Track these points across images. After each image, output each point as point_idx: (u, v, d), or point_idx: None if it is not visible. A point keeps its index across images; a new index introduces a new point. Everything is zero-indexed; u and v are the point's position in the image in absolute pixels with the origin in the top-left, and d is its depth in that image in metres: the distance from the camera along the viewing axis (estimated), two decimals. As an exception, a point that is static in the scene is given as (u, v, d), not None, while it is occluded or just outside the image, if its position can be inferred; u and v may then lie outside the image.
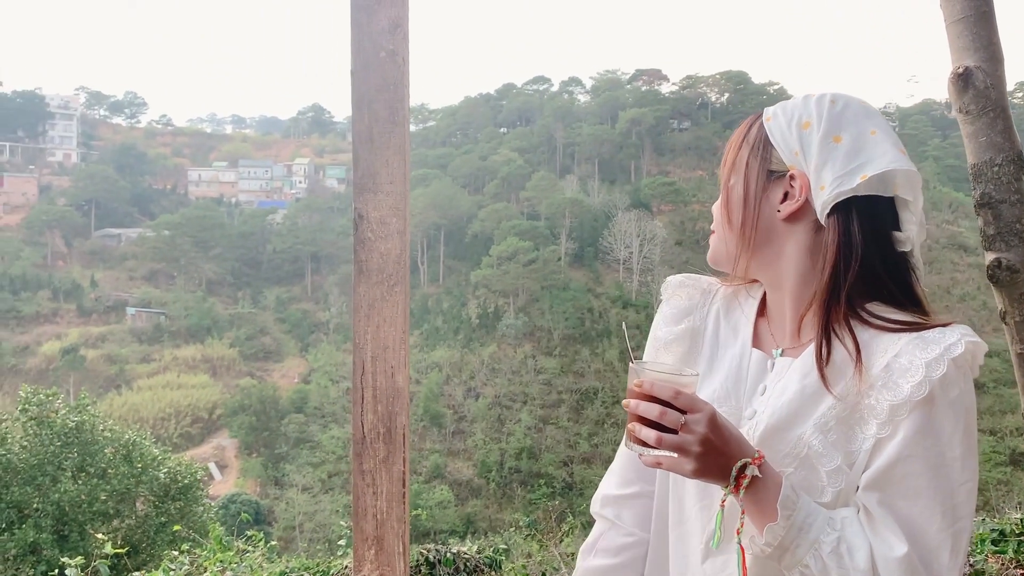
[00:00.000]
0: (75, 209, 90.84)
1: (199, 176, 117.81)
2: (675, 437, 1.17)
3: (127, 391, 64.27)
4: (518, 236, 77.25)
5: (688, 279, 1.64)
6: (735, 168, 1.45)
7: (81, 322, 76.00)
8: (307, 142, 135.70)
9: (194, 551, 4.84)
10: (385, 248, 1.59)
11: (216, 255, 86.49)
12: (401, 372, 1.63)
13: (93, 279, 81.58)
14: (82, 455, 15.40)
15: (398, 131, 1.58)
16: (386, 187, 1.58)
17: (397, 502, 1.61)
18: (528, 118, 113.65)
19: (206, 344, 72.55)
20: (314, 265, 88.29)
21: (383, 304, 1.60)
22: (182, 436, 59.43)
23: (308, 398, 64.60)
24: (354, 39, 1.56)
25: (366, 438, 1.62)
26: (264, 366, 73.44)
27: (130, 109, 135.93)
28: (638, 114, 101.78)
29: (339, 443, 59.51)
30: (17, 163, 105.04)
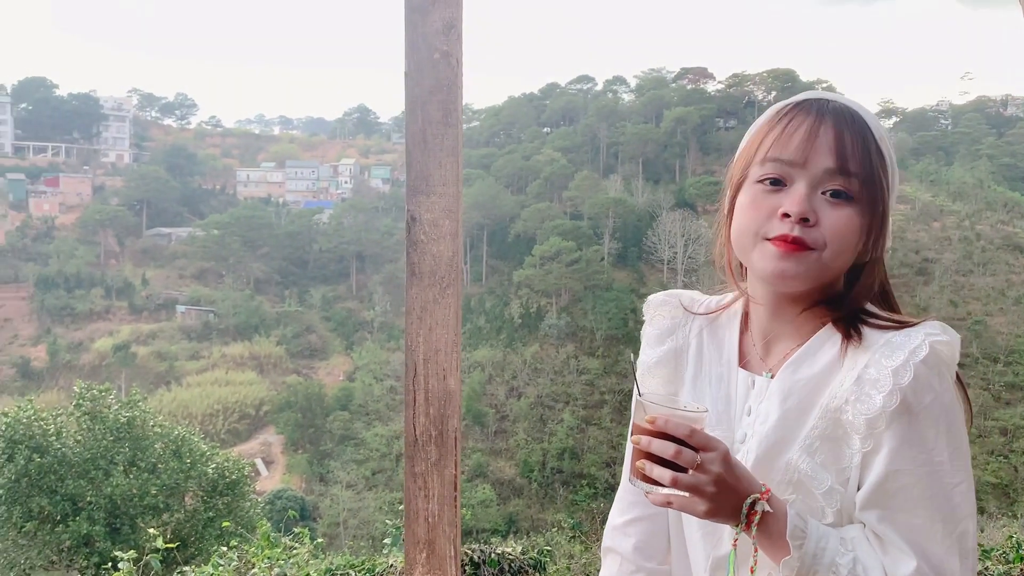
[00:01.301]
0: (127, 209, 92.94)
1: (247, 176, 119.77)
2: (690, 477, 1.13)
3: (176, 387, 65.57)
4: (561, 236, 77.07)
5: (670, 296, 1.60)
6: (877, 194, 1.29)
7: (133, 319, 77.77)
8: (353, 143, 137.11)
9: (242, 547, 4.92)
10: (437, 250, 1.56)
11: (264, 254, 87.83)
12: (453, 375, 1.62)
13: (144, 277, 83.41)
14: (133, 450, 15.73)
15: (451, 133, 1.55)
16: (439, 189, 1.56)
17: (449, 505, 1.60)
18: (572, 117, 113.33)
19: (253, 342, 73.71)
20: (359, 264, 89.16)
21: (435, 307, 1.57)
22: (230, 432, 60.44)
23: (353, 396, 65.25)
24: (408, 40, 1.55)
25: (418, 441, 1.60)
26: (310, 364, 74.38)
27: (181, 111, 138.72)
28: (683, 113, 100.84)
29: (383, 441, 60.02)
30: (72, 164, 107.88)
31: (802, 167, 1.27)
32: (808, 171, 1.27)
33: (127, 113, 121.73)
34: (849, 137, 1.26)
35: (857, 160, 1.26)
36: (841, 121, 1.28)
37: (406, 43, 1.55)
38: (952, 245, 76.21)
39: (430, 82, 1.54)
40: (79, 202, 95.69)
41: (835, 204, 1.26)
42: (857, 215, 1.26)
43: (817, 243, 1.25)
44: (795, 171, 1.28)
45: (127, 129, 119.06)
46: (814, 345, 1.31)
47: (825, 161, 1.26)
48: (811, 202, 1.26)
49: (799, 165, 1.27)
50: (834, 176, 1.26)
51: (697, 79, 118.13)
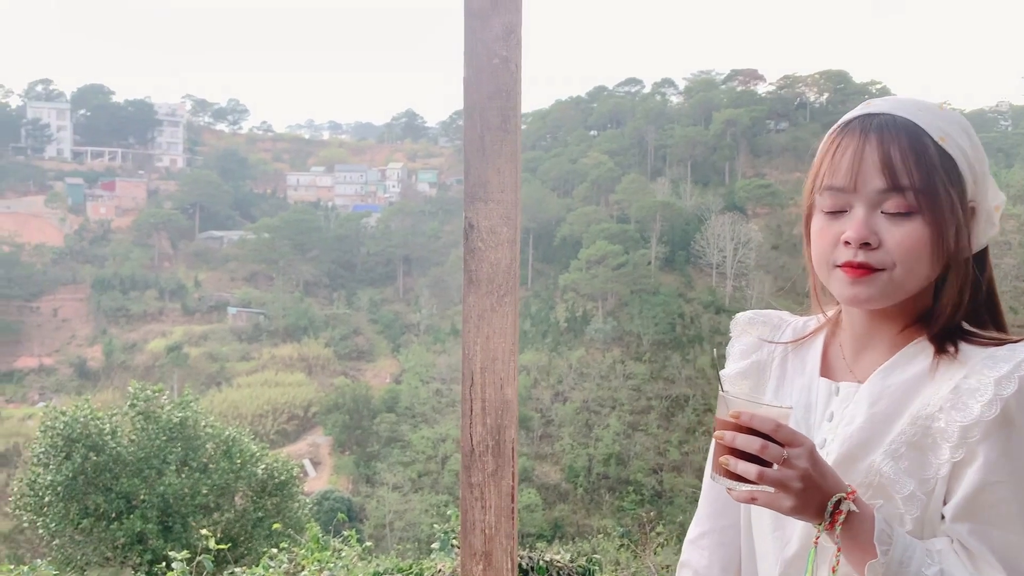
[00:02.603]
0: (181, 212, 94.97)
1: (297, 180, 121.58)
2: (776, 472, 1.12)
3: (227, 388, 66.71)
4: (607, 239, 76.69)
5: (757, 315, 1.62)
6: (940, 201, 1.25)
7: (185, 321, 79.38)
8: (400, 147, 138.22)
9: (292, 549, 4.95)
10: (495, 258, 1.58)
11: (313, 257, 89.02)
12: (510, 384, 1.61)
13: (197, 280, 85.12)
14: (185, 449, 15.99)
15: (510, 139, 1.57)
16: (497, 196, 1.57)
17: (506, 517, 1.59)
18: (619, 120, 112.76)
19: (302, 343, 74.69)
20: (406, 267, 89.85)
21: (493, 315, 1.58)
22: (279, 433, 61.28)
23: (399, 398, 65.71)
24: (467, 46, 1.55)
25: (475, 450, 1.59)
26: (357, 366, 75.11)
27: (233, 116, 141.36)
28: (733, 115, 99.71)
29: (429, 443, 60.31)
30: (128, 168, 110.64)
31: (855, 192, 1.26)
32: (861, 195, 1.25)
33: (181, 119, 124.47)
34: (897, 151, 1.23)
35: (909, 172, 1.22)
36: (886, 136, 1.25)
37: (465, 49, 1.55)
38: (1012, 250, 73.98)
39: (489, 88, 1.55)
40: (134, 206, 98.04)
41: (896, 221, 1.24)
42: (922, 226, 1.23)
43: (884, 263, 1.24)
44: (850, 196, 1.26)
45: (181, 134, 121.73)
46: (908, 353, 1.30)
47: (875, 182, 1.24)
48: (870, 225, 1.24)
49: (851, 191, 1.26)
50: (887, 194, 1.24)
51: (747, 81, 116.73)
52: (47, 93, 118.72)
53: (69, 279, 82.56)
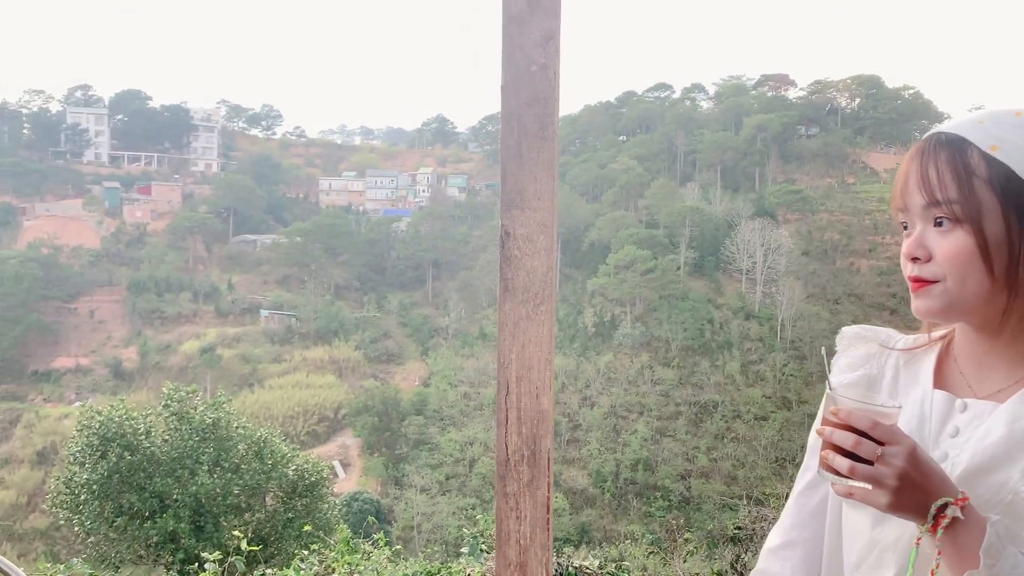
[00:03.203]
0: (215, 216, 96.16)
1: (329, 185, 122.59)
2: (869, 468, 1.14)
3: (259, 389, 67.35)
4: (636, 244, 76.35)
5: (865, 330, 1.58)
6: (982, 210, 1.25)
7: (218, 323, 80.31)
8: (431, 152, 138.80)
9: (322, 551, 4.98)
10: (531, 266, 1.56)
11: (344, 261, 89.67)
12: (546, 394, 1.60)
13: (230, 282, 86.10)
14: (218, 450, 16.12)
15: (547, 146, 1.55)
16: (533, 203, 1.55)
17: (541, 528, 1.57)
18: (648, 125, 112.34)
19: (333, 346, 75.22)
20: (435, 272, 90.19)
21: (528, 323, 1.57)
22: (309, 434, 61.73)
23: (427, 401, 65.92)
24: (505, 52, 1.54)
25: (510, 460, 1.58)
26: (387, 368, 75.46)
27: (266, 121, 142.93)
28: (763, 120, 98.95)
29: (456, 446, 60.41)
30: (164, 172, 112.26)
31: (907, 210, 1.32)
32: (912, 212, 1.31)
33: (216, 124, 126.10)
34: (934, 167, 1.27)
35: (943, 186, 1.26)
36: (927, 154, 1.29)
37: (503, 55, 1.54)
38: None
39: (527, 95, 1.54)
40: (169, 209, 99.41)
41: (943, 233, 1.27)
42: (965, 237, 1.25)
43: (936, 275, 1.28)
44: (907, 215, 1.32)
45: (215, 139, 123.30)
46: None
47: (916, 199, 1.30)
48: (922, 239, 1.29)
49: (905, 209, 1.32)
50: (930, 209, 1.28)
51: (778, 86, 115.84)
52: (86, 99, 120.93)
53: (105, 281, 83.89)
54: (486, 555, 4.82)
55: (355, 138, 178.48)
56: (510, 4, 1.55)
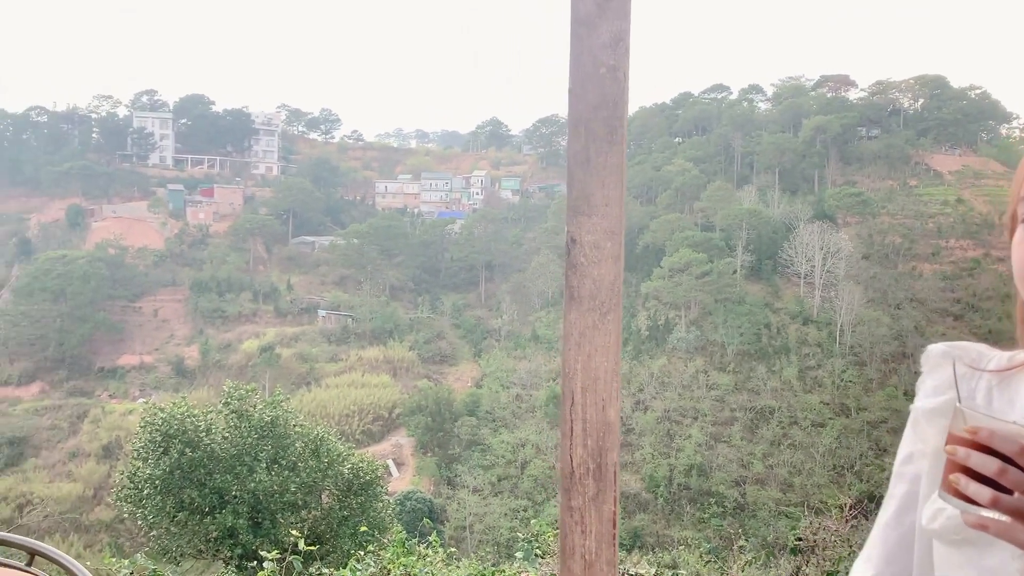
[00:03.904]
0: (275, 218, 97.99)
1: (385, 188, 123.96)
2: (1015, 500, 0.96)
3: (316, 388, 68.35)
4: (691, 247, 75.48)
5: (953, 348, 1.40)
6: None
7: (277, 322, 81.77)
8: (484, 155, 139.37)
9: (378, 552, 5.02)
10: (598, 274, 1.54)
11: (399, 262, 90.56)
12: (612, 406, 1.56)
13: (289, 283, 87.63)
14: (275, 448, 16.38)
15: (615, 150, 1.52)
16: (601, 209, 1.52)
17: (607, 543, 1.53)
18: (704, 127, 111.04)
19: (388, 346, 75.98)
20: (488, 273, 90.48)
21: (595, 333, 1.54)
22: (364, 433, 62.43)
23: (480, 402, 66.13)
24: (573, 54, 1.50)
25: (575, 473, 1.54)
26: (440, 369, 75.93)
27: (325, 125, 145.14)
28: (823, 122, 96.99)
29: (508, 447, 60.48)
30: (226, 175, 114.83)
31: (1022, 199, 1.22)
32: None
33: (276, 127, 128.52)
34: None
35: None
36: None
37: (571, 57, 1.50)
38: None
39: (595, 98, 1.50)
40: (231, 211, 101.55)
41: None
42: None
43: None
44: None
45: (276, 143, 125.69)
46: None
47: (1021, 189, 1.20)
48: None
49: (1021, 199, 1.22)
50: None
51: (838, 87, 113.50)
52: (152, 103, 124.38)
53: (169, 281, 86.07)
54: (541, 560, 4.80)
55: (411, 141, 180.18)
56: (579, 5, 1.51)
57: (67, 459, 61.84)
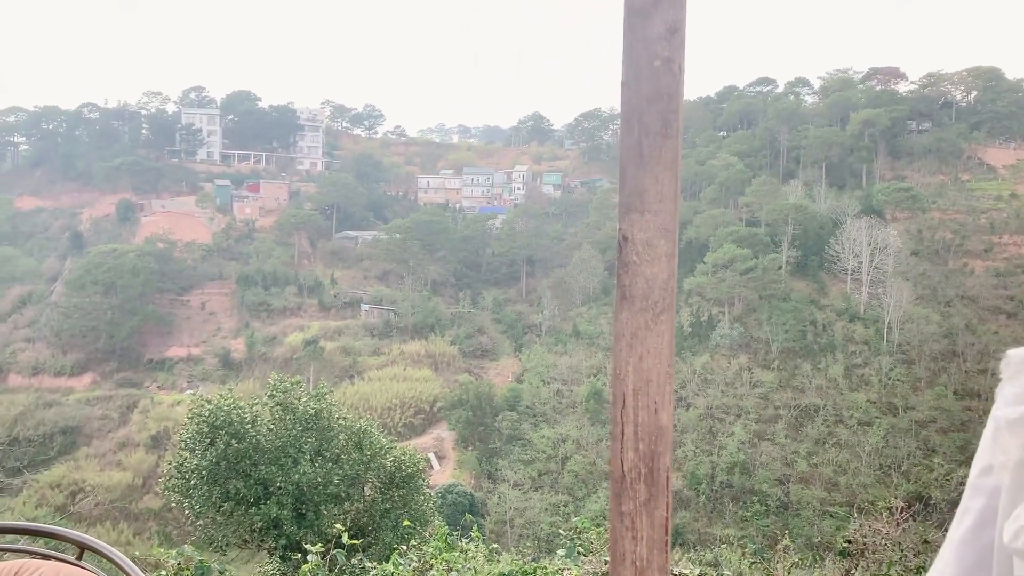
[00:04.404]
0: (319, 213, 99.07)
1: (427, 183, 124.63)
2: None
3: (359, 381, 69.03)
4: (736, 243, 74.62)
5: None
6: None
7: (321, 316, 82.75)
8: (526, 150, 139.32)
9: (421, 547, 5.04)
10: (651, 273, 1.48)
11: (441, 257, 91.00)
12: (665, 409, 1.51)
13: (333, 277, 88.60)
14: (319, 440, 16.54)
15: (670, 145, 1.48)
16: (654, 206, 1.47)
17: (659, 550, 1.49)
18: (750, 121, 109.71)
19: (429, 340, 76.44)
20: (529, 269, 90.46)
21: (647, 334, 1.48)
22: (406, 426, 62.93)
23: (520, 397, 66.19)
24: (626, 46, 1.46)
25: (626, 478, 1.50)
26: (481, 364, 76.17)
27: (368, 121, 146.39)
28: (872, 115, 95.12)
29: (549, 443, 60.47)
30: (272, 171, 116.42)
31: None
32: None
33: (320, 123, 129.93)
34: None
35: None
36: None
37: (624, 49, 1.47)
38: None
39: (649, 91, 1.46)
40: (276, 206, 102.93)
41: None
42: None
43: None
44: None
45: (320, 138, 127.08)
46: None
47: None
48: None
49: None
50: None
51: (887, 79, 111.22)
52: (199, 100, 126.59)
53: (216, 275, 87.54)
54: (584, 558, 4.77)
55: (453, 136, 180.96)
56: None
57: (117, 448, 63.31)
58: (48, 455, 62.56)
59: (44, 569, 1.52)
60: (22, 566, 1.54)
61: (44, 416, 66.47)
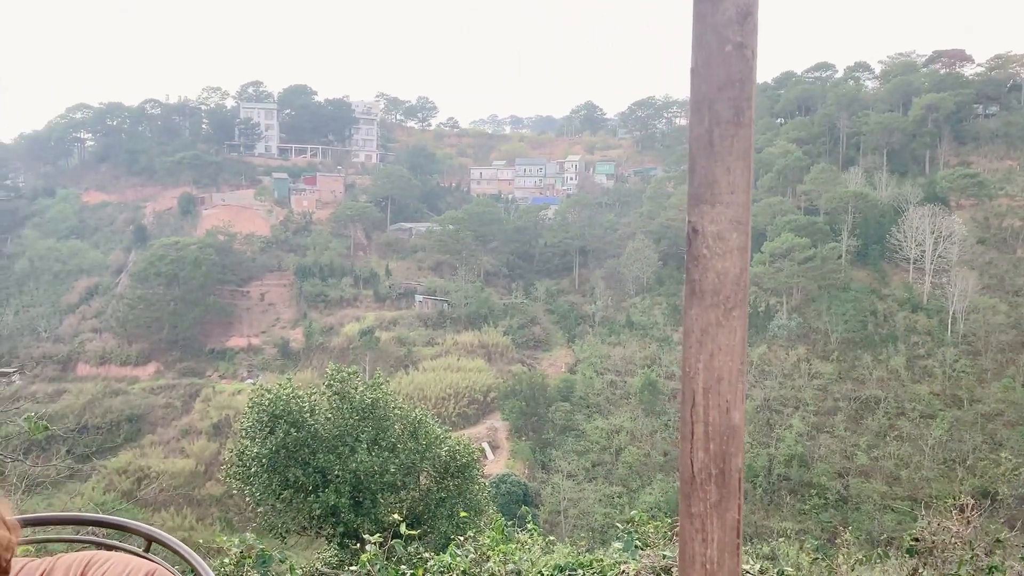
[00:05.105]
0: (374, 205, 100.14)
1: (480, 174, 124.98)
2: None
3: (413, 371, 69.69)
4: (794, 232, 73.25)
5: None
6: None
7: (377, 307, 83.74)
8: (579, 139, 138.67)
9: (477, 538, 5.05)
10: (722, 267, 1.42)
11: (493, 248, 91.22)
12: (737, 408, 1.46)
13: (388, 268, 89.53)
14: (376, 429, 16.74)
15: (742, 134, 1.42)
16: (726, 197, 1.41)
17: (730, 553, 1.44)
18: (808, 107, 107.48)
19: (482, 331, 76.77)
20: (582, 259, 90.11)
21: (718, 330, 1.43)
22: (459, 416, 63.33)
23: (574, 388, 66.08)
24: (696, 33, 1.41)
25: (695, 478, 1.46)
26: (534, 354, 76.21)
27: (422, 113, 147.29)
28: (935, 99, 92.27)
29: (603, 434, 60.26)
30: (327, 164, 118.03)
31: None
32: None
33: (375, 116, 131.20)
34: None
35: None
36: None
37: (693, 35, 1.42)
38: None
39: (720, 78, 1.41)
40: (332, 199, 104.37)
41: None
42: None
43: None
44: None
45: (375, 131, 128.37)
46: None
47: None
48: None
49: None
50: None
51: (952, 62, 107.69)
52: (257, 94, 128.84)
53: (275, 266, 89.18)
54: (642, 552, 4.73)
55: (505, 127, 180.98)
56: (703, -21, 1.43)
57: (180, 436, 65.02)
58: (115, 442, 64.58)
59: (113, 560, 1.57)
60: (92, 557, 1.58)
61: (111, 404, 68.60)
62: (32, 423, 5.36)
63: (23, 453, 31.53)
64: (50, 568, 1.56)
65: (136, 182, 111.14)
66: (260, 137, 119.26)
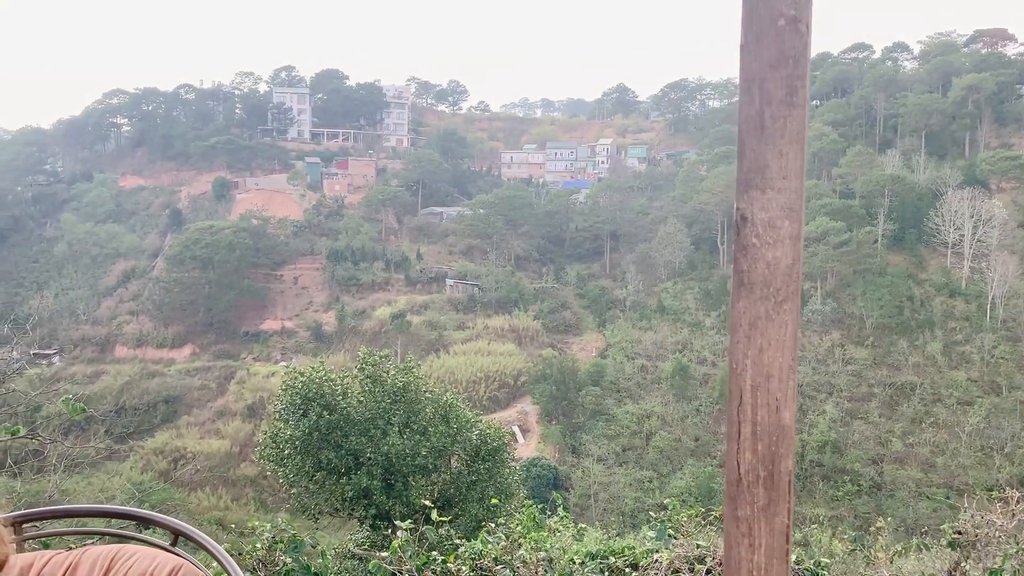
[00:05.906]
0: (405, 189, 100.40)
1: (511, 158, 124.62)
2: None
3: (444, 355, 70.02)
4: (828, 216, 72.21)
5: None
6: None
7: (408, 291, 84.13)
8: (610, 123, 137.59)
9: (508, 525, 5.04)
10: (773, 256, 1.34)
11: (524, 232, 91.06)
12: (787, 407, 1.39)
13: (419, 252, 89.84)
14: (407, 413, 16.83)
15: (796, 115, 1.32)
16: (778, 183, 1.32)
17: (779, 560, 1.37)
18: (844, 89, 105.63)
19: (513, 315, 76.84)
20: (613, 243, 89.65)
21: (768, 324, 1.36)
22: (490, 399, 63.57)
23: (604, 372, 65.96)
24: (746, 6, 1.32)
25: (742, 480, 1.39)
26: (564, 338, 76.16)
27: (453, 97, 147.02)
28: (976, 80, 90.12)
29: (633, 418, 60.16)
30: (359, 149, 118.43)
31: None
32: None
33: (406, 100, 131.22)
34: None
35: None
36: None
37: (744, 9, 1.33)
38: None
39: (772, 54, 1.31)
40: (364, 183, 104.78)
41: None
42: None
43: None
44: None
45: (406, 115, 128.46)
46: None
47: None
48: None
49: None
50: None
51: (994, 42, 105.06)
52: (290, 79, 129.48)
53: (307, 250, 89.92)
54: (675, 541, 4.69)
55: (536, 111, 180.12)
56: (753, -51, 1.33)
57: (215, 417, 66.04)
58: (152, 423, 65.78)
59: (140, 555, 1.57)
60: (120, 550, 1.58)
61: (148, 386, 69.86)
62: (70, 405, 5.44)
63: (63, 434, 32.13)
64: (76, 561, 1.56)
65: (171, 166, 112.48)
66: (292, 122, 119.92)
